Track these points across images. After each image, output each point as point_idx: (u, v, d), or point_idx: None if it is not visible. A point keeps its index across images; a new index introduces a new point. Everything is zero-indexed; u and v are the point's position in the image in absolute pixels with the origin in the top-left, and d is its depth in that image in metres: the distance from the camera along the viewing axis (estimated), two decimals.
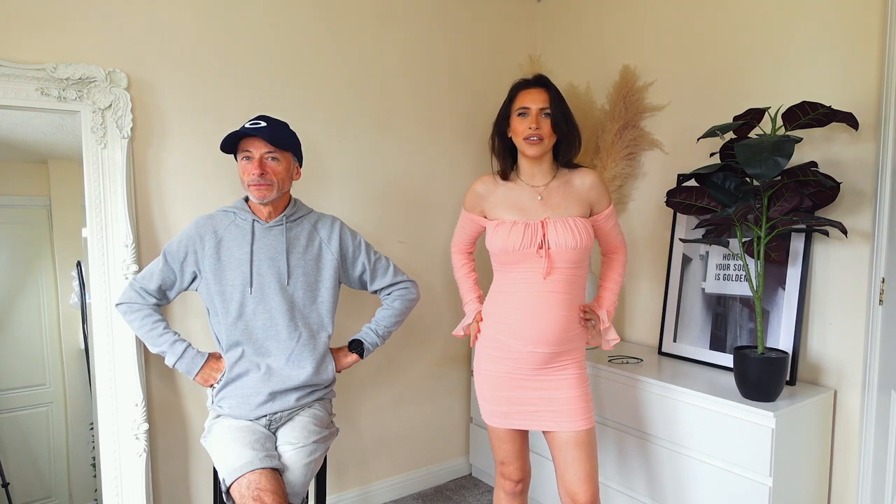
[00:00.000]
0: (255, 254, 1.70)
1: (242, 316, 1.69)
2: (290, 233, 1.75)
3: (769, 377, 1.71)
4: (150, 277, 1.71)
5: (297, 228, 1.77)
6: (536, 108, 1.64)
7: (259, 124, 1.65)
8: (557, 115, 1.65)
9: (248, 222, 1.72)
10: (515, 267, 1.65)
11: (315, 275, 1.77)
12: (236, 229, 1.72)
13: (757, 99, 2.04)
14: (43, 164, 2.04)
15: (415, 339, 2.64)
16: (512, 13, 2.82)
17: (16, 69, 1.69)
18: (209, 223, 1.73)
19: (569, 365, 1.66)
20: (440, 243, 2.67)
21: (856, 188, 1.82)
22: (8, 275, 2.08)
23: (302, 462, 1.61)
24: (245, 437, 1.59)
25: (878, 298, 1.77)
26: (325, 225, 1.83)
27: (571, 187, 1.69)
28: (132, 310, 1.71)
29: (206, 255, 1.69)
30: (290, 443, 1.65)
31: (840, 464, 1.89)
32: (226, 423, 1.67)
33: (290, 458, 1.62)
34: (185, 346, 1.72)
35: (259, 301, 1.69)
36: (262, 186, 1.66)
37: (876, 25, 1.76)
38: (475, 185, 1.79)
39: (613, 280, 1.80)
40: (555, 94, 1.67)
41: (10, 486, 2.09)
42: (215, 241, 1.70)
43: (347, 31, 2.34)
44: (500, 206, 1.71)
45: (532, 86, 1.69)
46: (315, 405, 1.78)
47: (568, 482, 1.65)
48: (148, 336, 1.71)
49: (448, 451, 2.82)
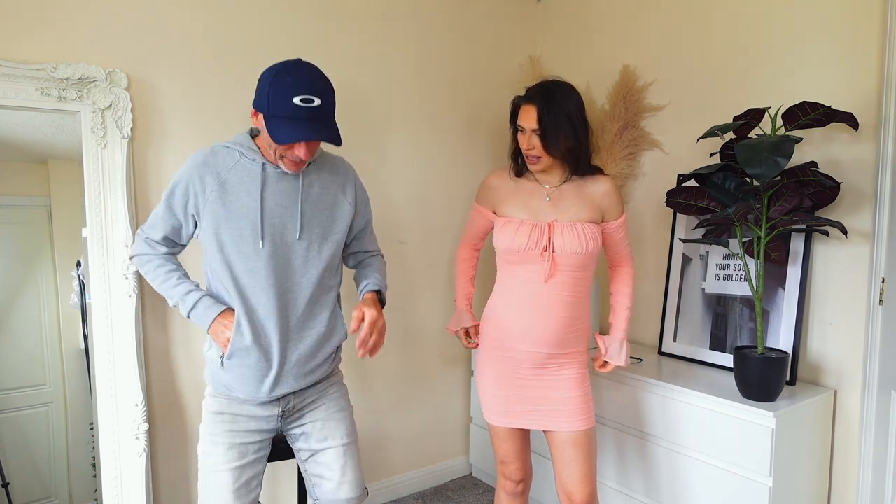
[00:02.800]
0: (265, 201, 1.48)
1: None
2: (305, 178, 1.53)
3: (769, 377, 1.71)
4: (154, 226, 1.55)
5: (312, 174, 1.55)
6: (529, 129, 1.60)
7: (312, 109, 1.37)
8: (550, 134, 1.57)
9: (257, 164, 1.49)
10: (519, 266, 1.65)
11: (329, 226, 1.57)
12: (243, 172, 1.49)
13: (757, 99, 2.04)
14: (43, 164, 2.04)
15: (415, 338, 2.63)
16: (512, 13, 2.82)
17: (16, 69, 1.69)
18: (210, 161, 1.49)
19: (569, 365, 1.65)
20: (440, 243, 2.67)
21: (856, 188, 1.82)
22: (8, 275, 2.08)
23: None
24: (232, 480, 1.49)
25: (878, 298, 1.77)
26: (340, 170, 1.63)
27: (584, 192, 1.67)
28: (143, 262, 1.58)
29: (209, 200, 1.47)
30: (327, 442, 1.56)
31: (840, 464, 1.89)
32: (213, 459, 1.50)
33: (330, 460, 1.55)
34: (199, 296, 1.51)
35: (270, 256, 1.49)
36: (299, 165, 1.48)
37: (876, 25, 1.76)
38: (489, 178, 1.78)
39: (624, 304, 1.77)
40: (546, 111, 1.56)
41: (10, 486, 2.09)
42: (218, 184, 1.47)
43: (348, 30, 2.34)
44: (510, 203, 1.70)
45: (524, 102, 1.62)
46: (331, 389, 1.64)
47: (565, 482, 1.65)
48: (162, 288, 1.55)
49: (448, 451, 2.82)
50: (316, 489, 1.60)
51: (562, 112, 1.57)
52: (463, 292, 1.91)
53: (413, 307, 2.61)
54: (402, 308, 2.58)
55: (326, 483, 1.57)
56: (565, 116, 1.57)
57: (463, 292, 1.91)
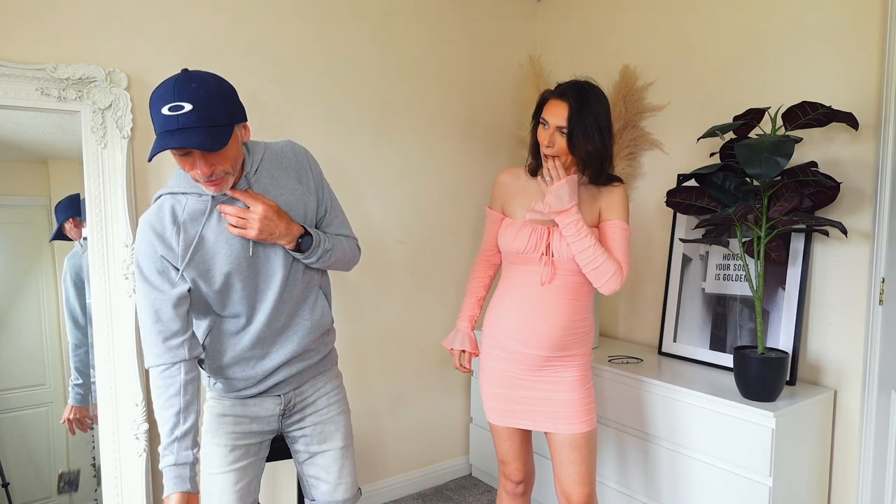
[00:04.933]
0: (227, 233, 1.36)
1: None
2: (257, 189, 1.38)
3: (769, 377, 1.71)
4: (162, 323, 1.34)
5: (262, 180, 1.40)
6: (554, 125, 1.54)
7: (181, 116, 1.20)
8: (577, 134, 1.52)
9: (204, 201, 1.35)
10: (520, 268, 1.65)
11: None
12: (196, 208, 1.35)
13: (757, 99, 2.04)
14: (43, 164, 2.04)
15: (415, 339, 2.63)
16: (512, 13, 2.81)
17: (16, 69, 1.69)
18: (160, 218, 1.33)
19: (569, 367, 1.64)
20: (440, 243, 2.67)
21: (856, 188, 1.82)
22: (8, 275, 2.08)
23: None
24: (235, 481, 1.48)
25: (878, 298, 1.77)
26: (289, 159, 1.45)
27: (591, 196, 1.64)
28: (158, 384, 1.36)
29: (179, 256, 1.33)
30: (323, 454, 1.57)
31: (840, 464, 1.89)
32: (215, 461, 1.46)
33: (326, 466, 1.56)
34: (171, 460, 1.33)
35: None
36: (214, 184, 1.30)
37: (876, 25, 1.76)
38: (501, 175, 1.76)
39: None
40: (579, 109, 1.51)
41: (10, 486, 2.09)
42: (183, 235, 1.34)
43: (347, 30, 2.34)
44: (516, 202, 1.69)
45: (555, 97, 1.56)
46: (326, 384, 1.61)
47: (563, 483, 1.65)
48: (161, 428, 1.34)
49: (448, 451, 2.82)
50: (312, 490, 1.61)
51: (591, 114, 1.52)
52: (466, 313, 1.83)
53: (413, 307, 2.61)
54: (403, 308, 2.58)
55: (323, 485, 1.58)
56: (594, 119, 1.53)
57: (466, 313, 1.83)
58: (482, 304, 1.85)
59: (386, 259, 2.52)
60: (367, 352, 2.49)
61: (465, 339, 1.82)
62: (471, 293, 1.84)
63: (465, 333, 1.82)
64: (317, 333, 1.55)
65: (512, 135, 2.83)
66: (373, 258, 2.47)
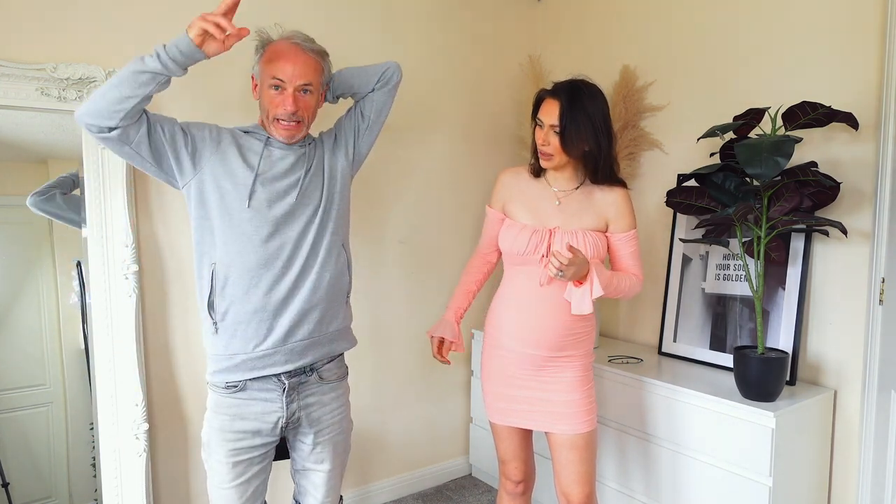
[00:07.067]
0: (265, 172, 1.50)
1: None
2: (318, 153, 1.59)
3: (769, 377, 1.71)
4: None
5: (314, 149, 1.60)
6: (547, 124, 1.55)
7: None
8: (569, 132, 1.52)
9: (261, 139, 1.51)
10: (520, 269, 1.65)
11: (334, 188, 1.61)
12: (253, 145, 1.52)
13: (757, 99, 2.04)
14: (43, 164, 2.04)
15: (415, 339, 2.63)
16: (512, 13, 2.81)
17: (16, 69, 1.69)
18: (225, 129, 1.54)
19: (569, 367, 1.64)
20: (440, 243, 2.67)
21: (856, 188, 1.82)
22: (8, 275, 2.08)
23: None
24: (239, 495, 1.53)
25: (878, 298, 1.77)
26: (320, 141, 1.65)
27: (592, 199, 1.64)
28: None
29: (221, 152, 1.46)
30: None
31: (840, 464, 1.89)
32: (219, 477, 1.52)
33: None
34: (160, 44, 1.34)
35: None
36: (290, 127, 1.44)
37: (876, 25, 1.76)
38: (503, 174, 1.76)
39: (617, 273, 1.64)
40: (570, 107, 1.51)
41: (10, 486, 2.09)
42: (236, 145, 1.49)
43: (347, 30, 2.34)
44: (517, 203, 1.69)
45: (549, 95, 1.57)
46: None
47: (562, 483, 1.65)
48: (122, 75, 1.31)
49: (448, 451, 2.82)
50: (300, 497, 1.69)
51: (583, 112, 1.52)
52: (455, 304, 1.84)
53: (413, 307, 2.61)
54: (403, 308, 2.58)
55: (311, 499, 1.66)
56: (586, 117, 1.52)
57: (455, 304, 1.84)
58: (471, 298, 1.86)
59: (386, 259, 2.52)
60: (367, 352, 2.49)
61: (447, 328, 1.82)
62: (461, 286, 1.85)
63: (448, 323, 1.83)
64: (334, 290, 1.55)
65: (512, 134, 2.83)
66: (373, 258, 2.47)
